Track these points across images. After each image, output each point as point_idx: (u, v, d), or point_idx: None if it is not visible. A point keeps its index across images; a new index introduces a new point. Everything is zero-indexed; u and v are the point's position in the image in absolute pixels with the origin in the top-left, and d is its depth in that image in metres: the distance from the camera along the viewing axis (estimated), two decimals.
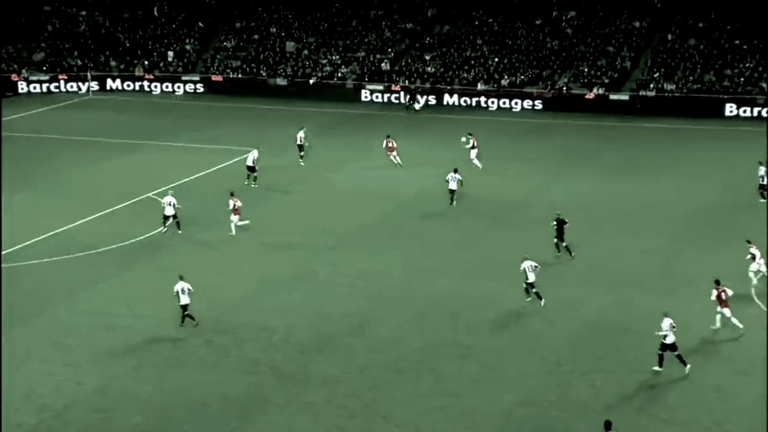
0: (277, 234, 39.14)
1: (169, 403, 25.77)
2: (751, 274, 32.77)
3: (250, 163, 45.93)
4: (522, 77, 68.67)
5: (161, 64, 72.86)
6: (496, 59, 70.47)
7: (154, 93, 70.38)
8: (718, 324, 29.76)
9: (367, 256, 36.84)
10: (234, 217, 38.80)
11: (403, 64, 71.69)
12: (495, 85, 68.18)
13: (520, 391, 26.42)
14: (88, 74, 69.96)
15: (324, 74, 71.28)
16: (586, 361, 28.04)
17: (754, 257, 32.96)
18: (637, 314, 31.06)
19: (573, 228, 36.76)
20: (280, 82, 70.97)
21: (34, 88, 69.14)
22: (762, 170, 43.21)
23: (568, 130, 60.09)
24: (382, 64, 71.45)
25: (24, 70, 70.07)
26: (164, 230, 38.68)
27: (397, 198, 44.48)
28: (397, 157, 49.51)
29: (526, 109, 66.03)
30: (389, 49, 73.02)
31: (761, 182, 43.24)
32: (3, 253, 35.95)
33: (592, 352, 28.69)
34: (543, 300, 31.73)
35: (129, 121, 61.14)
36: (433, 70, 70.66)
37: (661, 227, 39.74)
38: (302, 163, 49.83)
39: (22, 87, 68.81)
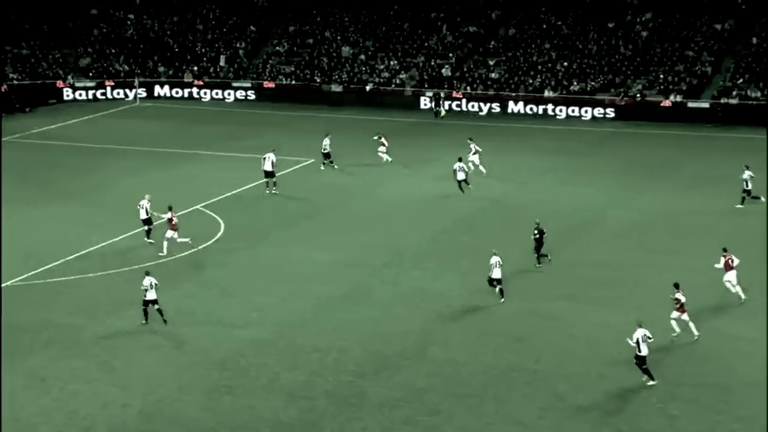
0: (332, 250, 39.22)
1: (217, 428, 25.88)
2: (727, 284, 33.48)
3: (268, 167, 46.10)
4: (593, 84, 68.14)
5: (211, 70, 73.71)
6: (565, 64, 70.04)
7: (203, 100, 71.19)
8: (676, 330, 30.65)
9: (426, 274, 36.75)
10: (170, 233, 38.06)
11: (465, 69, 71.61)
12: (563, 92, 67.77)
13: (591, 421, 26.06)
14: (136, 80, 71.02)
15: (381, 80, 71.49)
16: (660, 390, 27.57)
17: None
18: (726, 342, 30.54)
19: (650, 246, 36.29)
20: (335, 88, 71.35)
21: (80, 95, 70.37)
22: (746, 174, 43.89)
23: (642, 140, 59.46)
24: (443, 70, 71.44)
25: (70, 77, 71.37)
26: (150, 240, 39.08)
27: (457, 212, 44.33)
28: (385, 154, 51.64)
29: (597, 117, 65.50)
30: (450, 54, 73.00)
31: (745, 186, 43.93)
32: (48, 267, 36.50)
33: (666, 379, 28.21)
34: (503, 299, 33.18)
35: (177, 130, 61.89)
36: (497, 75, 70.47)
37: (743, 250, 39.03)
38: (335, 166, 50.44)
39: (67, 94, 70.06)
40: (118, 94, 70.86)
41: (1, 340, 28.29)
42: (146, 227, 39.55)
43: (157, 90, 71.78)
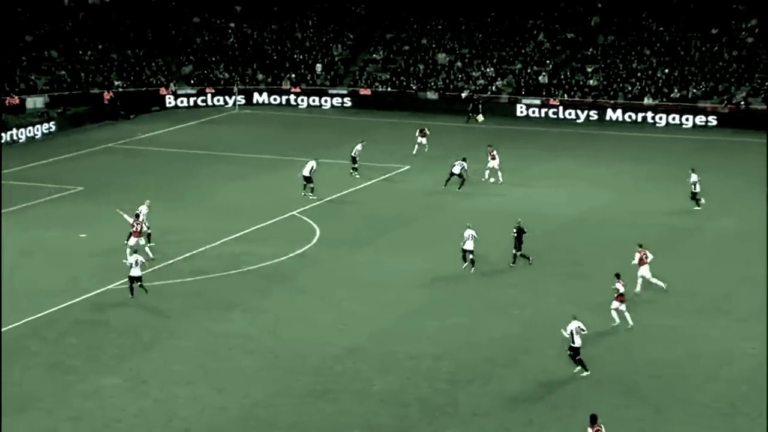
0: (424, 258, 39.23)
1: None
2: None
3: (306, 173, 46.99)
4: (694, 91, 66.82)
5: (308, 78, 74.51)
6: (666, 71, 68.83)
7: (300, 107, 72.00)
8: (616, 320, 31.97)
9: (519, 283, 36.51)
10: (137, 239, 37.58)
11: (562, 76, 70.96)
12: (664, 100, 66.59)
13: None
14: (235, 88, 72.21)
15: (477, 87, 71.30)
16: (763, 404, 26.88)
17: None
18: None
19: (750, 259, 35.39)
20: (431, 95, 71.41)
21: (182, 102, 71.84)
22: (694, 177, 44.82)
23: (746, 149, 58.03)
24: (540, 77, 70.91)
25: (172, 84, 72.95)
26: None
27: (552, 221, 43.94)
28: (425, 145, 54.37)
29: (699, 125, 64.18)
30: (548, 61, 72.43)
31: (693, 189, 44.87)
32: (148, 271, 37.35)
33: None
34: (473, 269, 35.07)
35: (275, 136, 62.69)
36: (595, 83, 69.65)
37: None
38: (357, 176, 50.79)
39: (169, 101, 71.60)
40: (218, 101, 72.10)
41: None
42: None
43: (256, 97, 72.82)
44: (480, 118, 66.22)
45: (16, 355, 30.32)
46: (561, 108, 67.69)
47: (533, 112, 68.32)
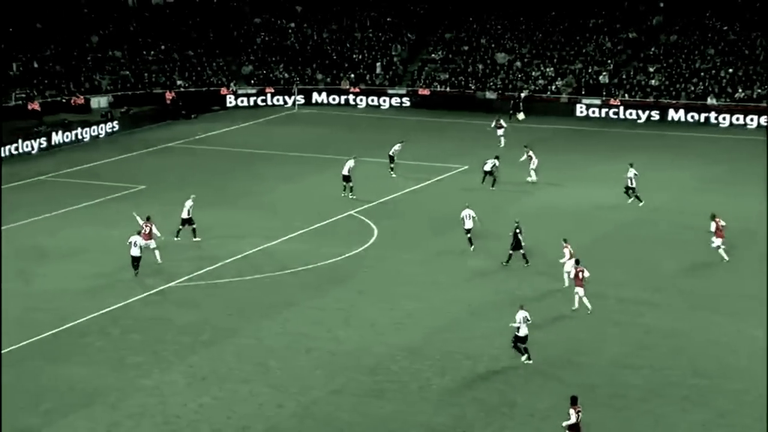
0: (482, 258, 39.11)
1: None
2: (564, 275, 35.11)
3: (345, 172, 47.20)
4: (759, 91, 65.72)
5: (367, 78, 74.69)
6: (730, 71, 67.80)
7: (359, 107, 72.21)
8: (576, 305, 33.09)
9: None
10: (147, 242, 37.45)
11: (623, 76, 70.26)
12: (727, 100, 65.61)
13: None
14: (295, 88, 72.66)
15: (537, 87, 70.90)
16: None
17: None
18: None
19: None
20: (490, 95, 71.16)
21: (242, 101, 72.48)
22: (631, 172, 45.42)
23: None
24: (601, 77, 70.28)
25: (232, 84, 73.66)
26: (177, 238, 40.20)
27: (612, 221, 43.55)
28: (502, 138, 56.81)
29: (763, 125, 63.12)
30: (608, 61, 71.75)
31: (629, 184, 45.41)
32: (208, 269, 37.76)
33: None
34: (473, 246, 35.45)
35: (333, 136, 62.94)
36: (657, 83, 68.85)
37: None
38: (393, 175, 51.03)
39: (230, 101, 72.27)
40: (278, 101, 72.61)
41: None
42: (191, 226, 40.54)
43: (315, 97, 73.19)
44: (521, 116, 66.01)
45: (81, 350, 30.84)
46: (622, 108, 67.05)
47: (593, 112, 67.76)
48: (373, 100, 72.38)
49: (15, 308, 34.14)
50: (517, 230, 37.84)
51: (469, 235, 38.79)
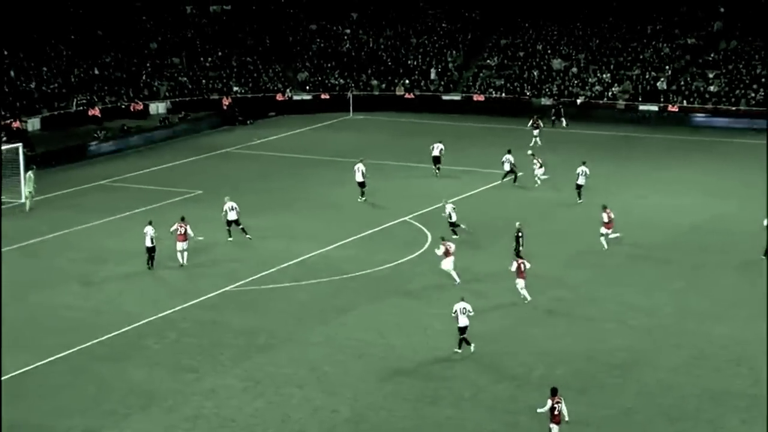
0: (535, 264, 38.96)
1: None
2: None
3: (359, 178, 47.47)
4: None
5: (422, 83, 74.84)
6: None
7: (413, 113, 72.26)
8: (522, 295, 34.57)
9: (634, 291, 36.02)
10: (180, 245, 38.58)
11: (681, 82, 69.62)
12: None
13: None
14: (350, 94, 73.04)
15: (593, 93, 70.52)
16: None
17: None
18: None
19: None
20: (545, 101, 70.94)
21: (297, 107, 73.01)
22: (581, 169, 47.09)
23: None
24: (659, 83, 69.71)
25: (288, 90, 74.29)
26: (230, 238, 41.23)
27: (668, 229, 43.20)
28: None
29: None
30: (666, 67, 71.14)
31: (578, 182, 46.91)
32: (263, 274, 38.11)
33: None
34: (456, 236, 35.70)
35: (387, 142, 63.15)
36: (716, 89, 68.10)
37: None
38: (437, 175, 51.94)
39: (285, 106, 72.81)
40: (333, 107, 72.99)
41: None
42: (239, 227, 41.55)
43: (370, 103, 73.44)
44: (564, 122, 65.75)
45: (139, 353, 31.38)
46: (680, 114, 66.38)
47: (650, 118, 67.18)
48: (428, 106, 72.40)
49: (77, 310, 34.85)
50: (519, 234, 38.40)
51: (454, 228, 41.11)
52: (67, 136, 61.91)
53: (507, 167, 50.37)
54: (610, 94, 70.25)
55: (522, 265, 34.79)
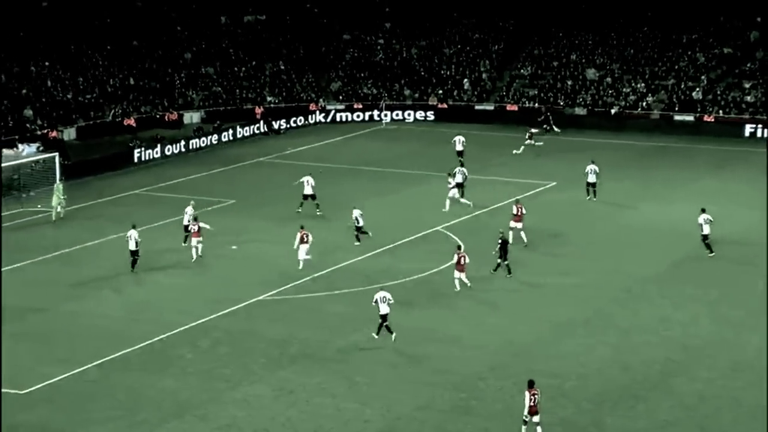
0: (571, 274, 38.83)
1: None
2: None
3: (308, 191, 47.74)
4: None
5: (455, 93, 74.78)
6: None
7: (446, 122, 72.17)
8: (458, 287, 36.41)
9: (669, 302, 35.73)
10: (194, 240, 40.68)
11: (717, 92, 69.06)
12: None
13: None
14: (382, 104, 73.11)
15: (627, 104, 70.12)
16: None
17: None
18: None
19: None
20: (579, 111, 70.60)
21: (330, 117, 73.17)
22: (591, 167, 47.70)
23: None
24: (694, 93, 69.20)
25: (321, 99, 74.50)
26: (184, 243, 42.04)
27: (697, 240, 42.78)
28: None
29: None
30: (702, 77, 70.61)
31: (589, 180, 47.77)
32: (296, 283, 38.16)
33: None
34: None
35: (421, 152, 63.10)
36: (752, 99, 67.48)
37: None
38: (464, 169, 51.41)
39: (318, 116, 73.00)
40: (366, 117, 73.09)
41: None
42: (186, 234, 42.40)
43: (403, 113, 73.48)
44: (556, 129, 65.02)
45: (173, 362, 31.50)
46: (715, 124, 65.85)
47: (686, 128, 66.67)
48: (459, 116, 72.29)
49: (113, 319, 35.09)
50: (500, 240, 38.67)
51: (356, 233, 42.03)
52: (102, 146, 62.39)
53: (459, 179, 48.33)
54: (644, 103, 69.82)
55: (462, 259, 36.76)
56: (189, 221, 42.34)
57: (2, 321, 33.78)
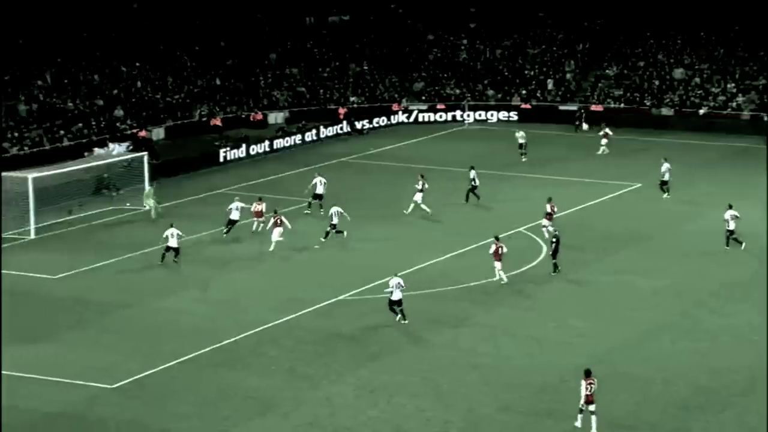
0: (656, 278, 38.20)
1: None
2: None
3: (319, 190, 47.53)
4: None
5: (538, 93, 74.14)
6: None
7: (530, 123, 71.57)
8: (498, 276, 36.99)
9: (757, 307, 34.89)
10: (276, 232, 41.87)
11: None
12: None
13: None
14: (465, 104, 72.86)
15: (716, 104, 68.70)
16: None
17: None
18: None
19: None
20: (666, 112, 69.41)
21: (413, 117, 73.15)
22: (665, 166, 48.04)
23: None
24: None
25: (404, 100, 74.57)
26: (225, 233, 43.37)
27: None
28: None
29: None
30: None
31: (663, 178, 48.10)
32: (376, 283, 38.19)
33: None
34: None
35: (502, 152, 62.63)
36: None
37: None
38: (524, 160, 53.51)
39: (401, 116, 73.04)
40: (449, 117, 72.91)
41: None
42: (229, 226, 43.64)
43: (486, 113, 73.13)
44: (585, 126, 64.56)
45: (257, 359, 31.81)
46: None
47: None
48: (544, 116, 71.67)
49: (197, 316, 35.60)
50: (554, 239, 38.42)
51: (329, 229, 42.12)
52: (189, 146, 63.38)
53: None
54: (734, 104, 68.30)
55: (500, 249, 36.97)
56: (237, 216, 43.62)
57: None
